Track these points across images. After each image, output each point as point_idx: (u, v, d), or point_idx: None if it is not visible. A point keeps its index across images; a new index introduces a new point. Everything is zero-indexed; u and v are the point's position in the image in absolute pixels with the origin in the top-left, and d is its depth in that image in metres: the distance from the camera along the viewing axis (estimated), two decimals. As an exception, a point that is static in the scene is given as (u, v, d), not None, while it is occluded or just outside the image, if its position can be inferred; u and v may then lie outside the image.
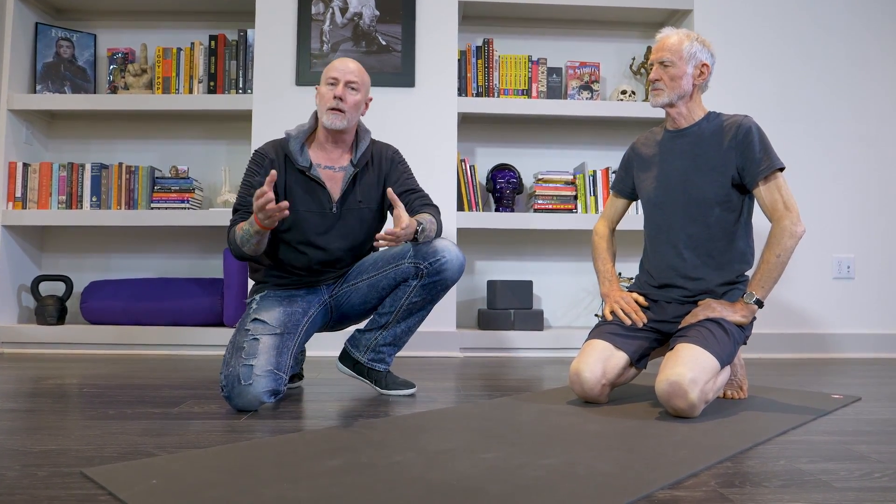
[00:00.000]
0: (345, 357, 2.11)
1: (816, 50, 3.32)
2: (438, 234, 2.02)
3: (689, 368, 1.67)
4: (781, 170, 1.88)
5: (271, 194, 1.69)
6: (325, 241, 2.00)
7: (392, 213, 1.98)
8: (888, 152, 3.33)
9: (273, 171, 1.69)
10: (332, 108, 1.95)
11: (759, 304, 1.84)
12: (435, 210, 2.04)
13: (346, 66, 1.99)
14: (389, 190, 1.82)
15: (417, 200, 2.04)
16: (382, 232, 1.74)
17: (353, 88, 1.98)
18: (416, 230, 1.85)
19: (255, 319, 1.89)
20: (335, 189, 2.00)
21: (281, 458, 1.29)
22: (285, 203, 1.71)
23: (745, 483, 1.18)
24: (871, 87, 3.34)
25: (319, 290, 2.05)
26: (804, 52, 3.32)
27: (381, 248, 2.10)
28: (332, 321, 2.11)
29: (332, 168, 2.01)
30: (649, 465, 1.26)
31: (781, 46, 3.31)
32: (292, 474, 1.19)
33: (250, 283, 3.02)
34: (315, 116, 2.05)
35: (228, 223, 1.98)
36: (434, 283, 1.97)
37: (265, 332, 1.86)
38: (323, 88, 1.99)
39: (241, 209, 1.96)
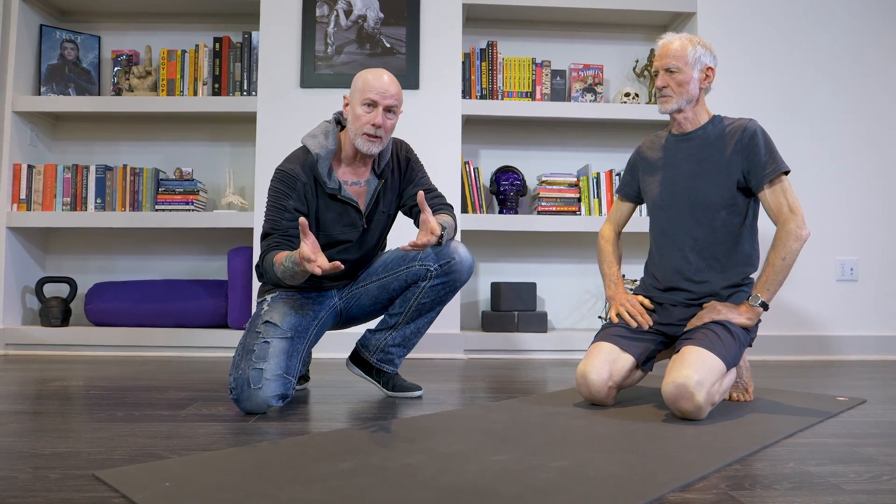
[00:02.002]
0: (355, 357, 2.12)
1: (820, 52, 3.33)
2: (455, 231, 2.03)
3: (695, 371, 1.68)
4: (787, 173, 1.88)
5: (323, 260, 1.61)
6: (349, 254, 2.00)
7: (413, 217, 2.01)
8: (892, 154, 3.34)
9: (304, 221, 1.60)
10: (370, 135, 1.88)
11: (765, 306, 1.85)
12: (451, 210, 2.06)
13: (385, 87, 1.87)
14: (420, 195, 1.74)
15: (435, 200, 2.04)
16: (409, 244, 1.69)
17: (391, 112, 1.89)
18: (441, 235, 1.80)
19: (267, 322, 1.88)
20: (362, 204, 1.98)
21: (292, 461, 1.30)
22: (338, 264, 1.61)
23: (755, 486, 1.19)
24: (874, 89, 3.34)
25: (329, 293, 2.06)
26: (807, 54, 3.32)
27: (391, 249, 2.11)
28: (342, 322, 2.12)
29: (357, 183, 1.98)
30: (659, 468, 1.26)
31: (784, 48, 3.32)
32: (305, 476, 1.19)
33: (256, 282, 3.03)
34: (337, 123, 1.98)
35: (261, 248, 1.89)
36: (444, 283, 1.98)
37: (276, 335, 1.86)
38: (359, 110, 1.87)
39: (275, 233, 1.88)
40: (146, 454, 1.37)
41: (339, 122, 2.00)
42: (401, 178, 2.06)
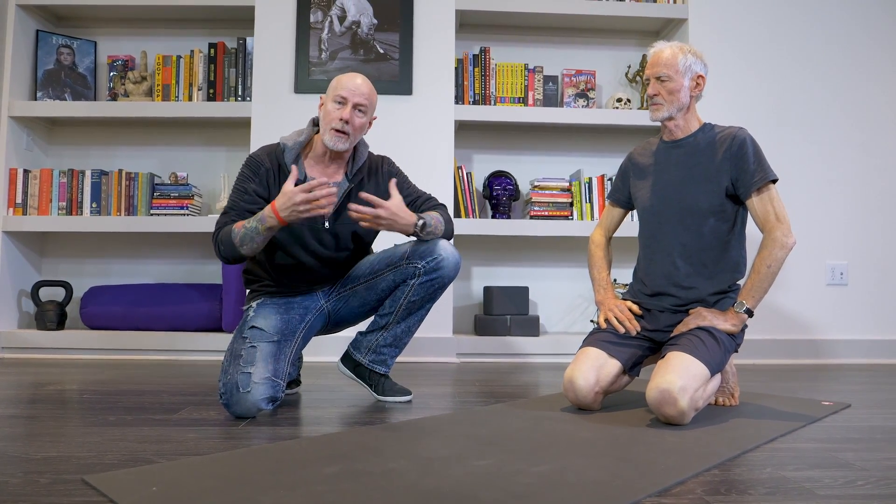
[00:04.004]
0: (346, 359, 2.14)
1: (812, 56, 3.36)
2: (449, 230, 2.07)
3: (679, 376, 1.70)
4: (774, 181, 1.91)
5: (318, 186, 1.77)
6: (319, 254, 2.02)
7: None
8: (883, 158, 3.37)
9: (295, 169, 1.78)
10: (337, 130, 1.94)
11: (749, 313, 1.87)
12: (442, 208, 2.10)
13: (357, 87, 1.95)
14: (392, 182, 1.89)
15: (425, 204, 2.10)
16: (364, 208, 1.84)
17: (360, 111, 1.96)
18: (416, 224, 1.92)
19: (253, 327, 1.92)
20: None
21: (279, 466, 1.32)
22: (333, 190, 1.77)
23: (730, 491, 1.21)
24: (866, 93, 3.37)
25: (315, 296, 2.08)
26: (800, 59, 3.35)
27: (377, 251, 2.14)
28: (330, 325, 2.14)
29: (326, 183, 2.01)
30: (638, 473, 1.29)
31: (776, 53, 3.34)
32: (289, 481, 1.22)
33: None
34: (313, 124, 2.05)
35: (216, 224, 1.95)
36: (432, 280, 2.01)
37: (262, 339, 1.88)
38: (329, 105, 1.96)
39: (232, 212, 1.95)
40: (136, 459, 1.39)
41: (316, 123, 2.06)
42: (378, 189, 2.07)
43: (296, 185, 1.94)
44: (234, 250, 1.88)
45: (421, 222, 1.94)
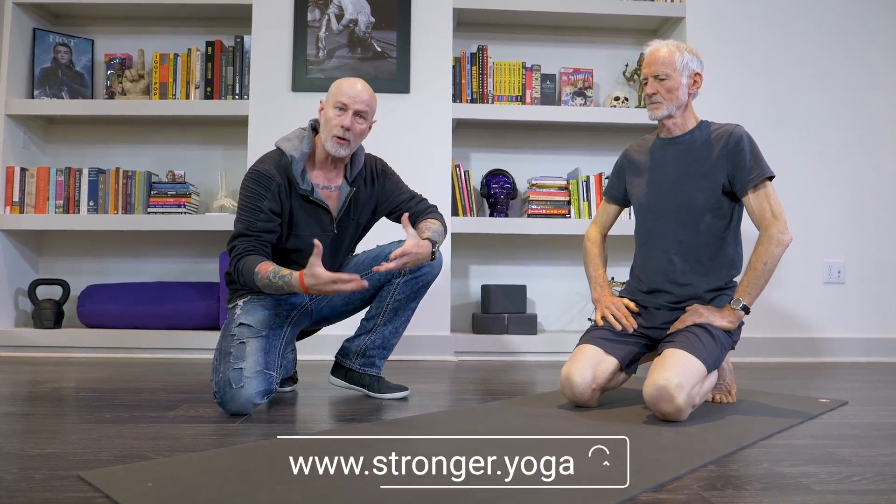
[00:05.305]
0: (336, 369, 2.15)
1: (809, 55, 3.36)
2: (444, 234, 2.07)
3: (675, 373, 1.70)
4: (771, 178, 1.91)
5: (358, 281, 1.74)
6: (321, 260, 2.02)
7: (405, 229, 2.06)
8: (880, 157, 3.37)
9: (319, 245, 1.72)
10: (339, 137, 1.91)
11: (746, 310, 1.87)
12: (436, 212, 2.11)
13: (357, 93, 1.93)
14: (405, 218, 1.89)
15: (420, 205, 2.10)
16: (392, 264, 1.81)
17: (361, 117, 1.94)
18: (433, 251, 1.92)
19: (241, 324, 1.89)
20: (333, 209, 2.01)
21: (274, 462, 1.32)
22: (364, 283, 1.75)
23: (726, 486, 1.21)
24: (864, 92, 3.37)
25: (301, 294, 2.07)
26: (797, 57, 3.35)
27: (360, 252, 2.16)
28: (313, 322, 2.14)
29: (328, 188, 2.01)
30: (634, 469, 1.29)
31: (774, 52, 3.35)
32: (285, 477, 1.22)
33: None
34: (312, 129, 2.01)
35: (231, 247, 1.90)
36: (416, 278, 2.03)
37: (250, 334, 1.87)
38: (330, 112, 1.93)
39: (251, 236, 1.89)
40: (132, 455, 1.39)
41: (315, 128, 2.03)
42: (374, 191, 2.08)
43: (304, 197, 1.95)
44: (252, 284, 1.86)
45: (435, 248, 1.95)
